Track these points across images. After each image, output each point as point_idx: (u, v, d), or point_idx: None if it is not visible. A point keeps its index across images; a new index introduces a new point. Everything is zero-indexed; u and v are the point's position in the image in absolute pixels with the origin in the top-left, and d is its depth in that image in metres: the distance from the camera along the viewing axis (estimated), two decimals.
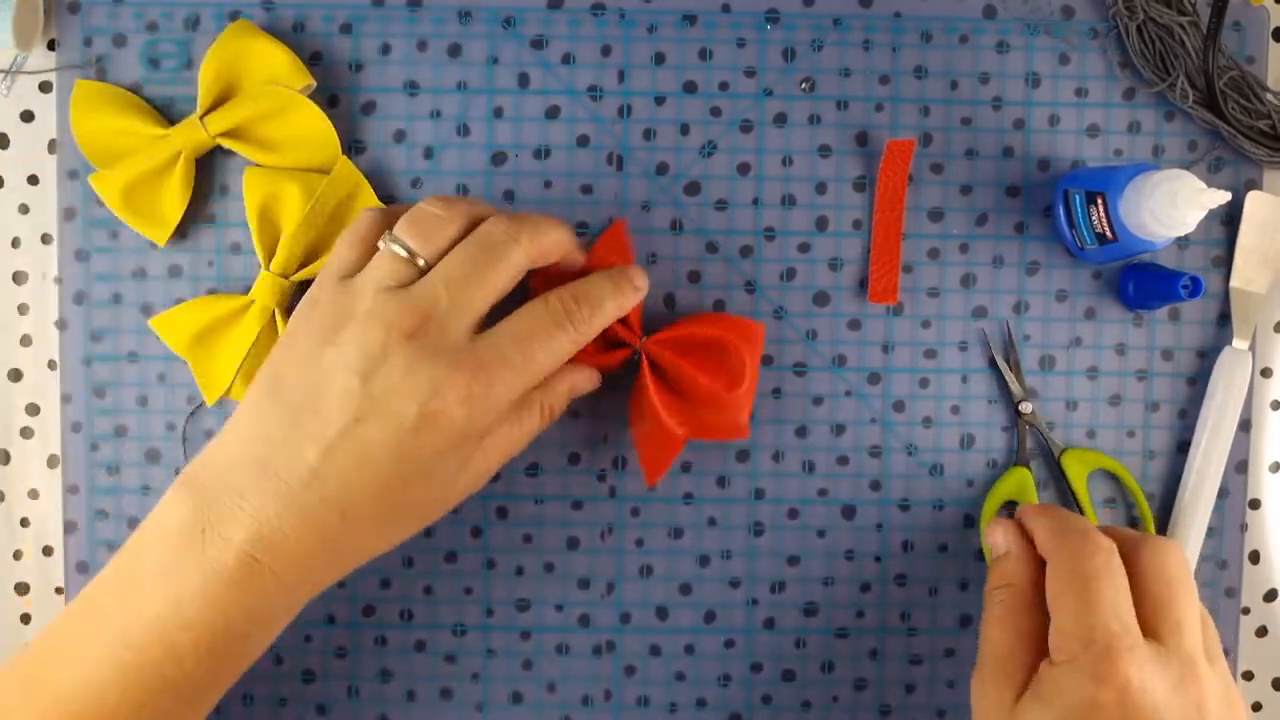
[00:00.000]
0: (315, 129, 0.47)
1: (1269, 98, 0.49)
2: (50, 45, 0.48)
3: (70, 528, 0.49)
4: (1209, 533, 0.50)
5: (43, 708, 0.38)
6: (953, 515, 0.50)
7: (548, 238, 0.41)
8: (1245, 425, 0.50)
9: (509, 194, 0.49)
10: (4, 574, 0.49)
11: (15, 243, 0.49)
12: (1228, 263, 0.50)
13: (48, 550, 0.49)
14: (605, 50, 0.49)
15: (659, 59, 0.49)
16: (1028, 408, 0.49)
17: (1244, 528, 0.50)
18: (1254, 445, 0.50)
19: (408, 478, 0.38)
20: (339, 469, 0.37)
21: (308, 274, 0.47)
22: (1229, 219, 0.50)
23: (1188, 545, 0.49)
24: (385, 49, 0.49)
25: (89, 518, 0.49)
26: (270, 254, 0.47)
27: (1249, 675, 0.51)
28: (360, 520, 0.38)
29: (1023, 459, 0.50)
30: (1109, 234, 0.45)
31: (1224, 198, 0.41)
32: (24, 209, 0.49)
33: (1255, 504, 0.50)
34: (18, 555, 0.49)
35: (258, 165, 0.47)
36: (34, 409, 0.49)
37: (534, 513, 0.49)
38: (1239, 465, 0.50)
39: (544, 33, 0.49)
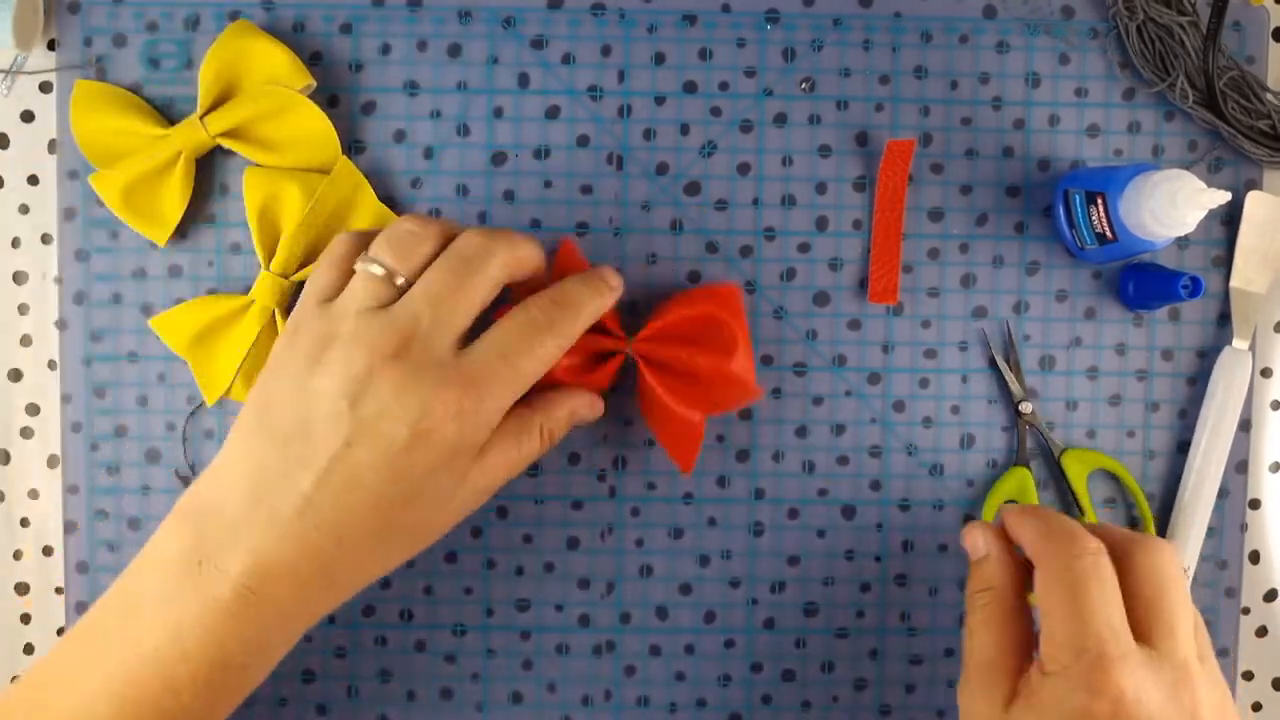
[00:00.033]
0: (315, 129, 0.47)
1: (1269, 98, 0.49)
2: (50, 45, 0.48)
3: (70, 528, 0.49)
4: (1209, 533, 0.50)
5: None
6: (953, 515, 0.50)
7: (521, 250, 0.41)
8: (1245, 425, 0.50)
9: (509, 194, 0.49)
10: (4, 574, 0.49)
11: (15, 243, 0.49)
12: (1228, 263, 0.50)
13: (48, 550, 0.49)
14: (605, 50, 0.49)
15: (659, 59, 0.49)
16: (1028, 408, 0.49)
17: (1244, 528, 0.50)
18: (1254, 445, 0.50)
19: (403, 498, 0.38)
20: (332, 495, 0.37)
21: (308, 274, 0.47)
22: (1229, 219, 0.50)
23: (1188, 545, 0.49)
24: (385, 49, 0.49)
25: (89, 518, 0.49)
26: (270, 254, 0.47)
27: (1249, 675, 0.51)
28: (357, 545, 0.38)
29: (1023, 459, 0.50)
30: (1109, 234, 0.45)
31: (1224, 198, 0.41)
32: (24, 209, 0.49)
33: (1255, 504, 0.50)
34: (18, 555, 0.49)
35: (258, 165, 0.47)
36: (34, 409, 0.49)
37: (534, 513, 0.49)
38: (1239, 465, 0.50)
39: (544, 33, 0.49)
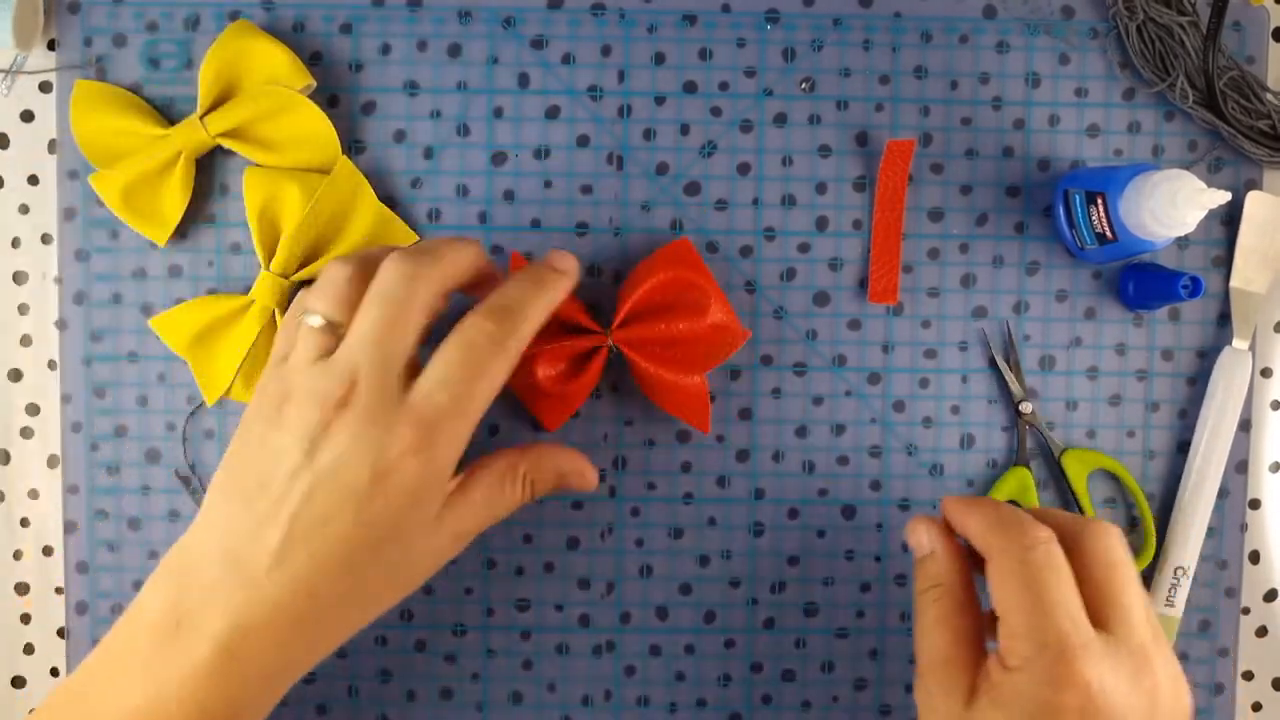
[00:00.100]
0: (315, 129, 0.47)
1: (1269, 98, 0.49)
2: (50, 45, 0.48)
3: (70, 528, 0.49)
4: (1209, 533, 0.50)
5: None
6: None
7: (450, 259, 0.40)
8: (1245, 425, 0.50)
9: (509, 194, 0.49)
10: (4, 574, 0.49)
11: (15, 243, 0.49)
12: (1228, 263, 0.50)
13: (48, 550, 0.49)
14: (605, 50, 0.49)
15: (659, 59, 0.49)
16: (1028, 408, 0.49)
17: (1244, 528, 0.50)
18: (1254, 445, 0.50)
19: (372, 545, 0.38)
20: (302, 549, 0.37)
21: (308, 274, 0.47)
22: (1229, 219, 0.50)
23: (1188, 545, 0.49)
24: (385, 49, 0.49)
25: (89, 518, 0.49)
26: (270, 254, 0.47)
27: (1249, 675, 0.51)
28: (331, 598, 0.38)
29: (1023, 459, 0.50)
30: (1109, 234, 0.45)
31: (1224, 198, 0.41)
32: (24, 209, 0.49)
33: (1255, 504, 0.50)
34: (18, 555, 0.49)
35: (258, 165, 0.47)
36: (34, 409, 0.49)
37: (534, 513, 0.49)
38: (1239, 465, 0.50)
39: (544, 33, 0.49)
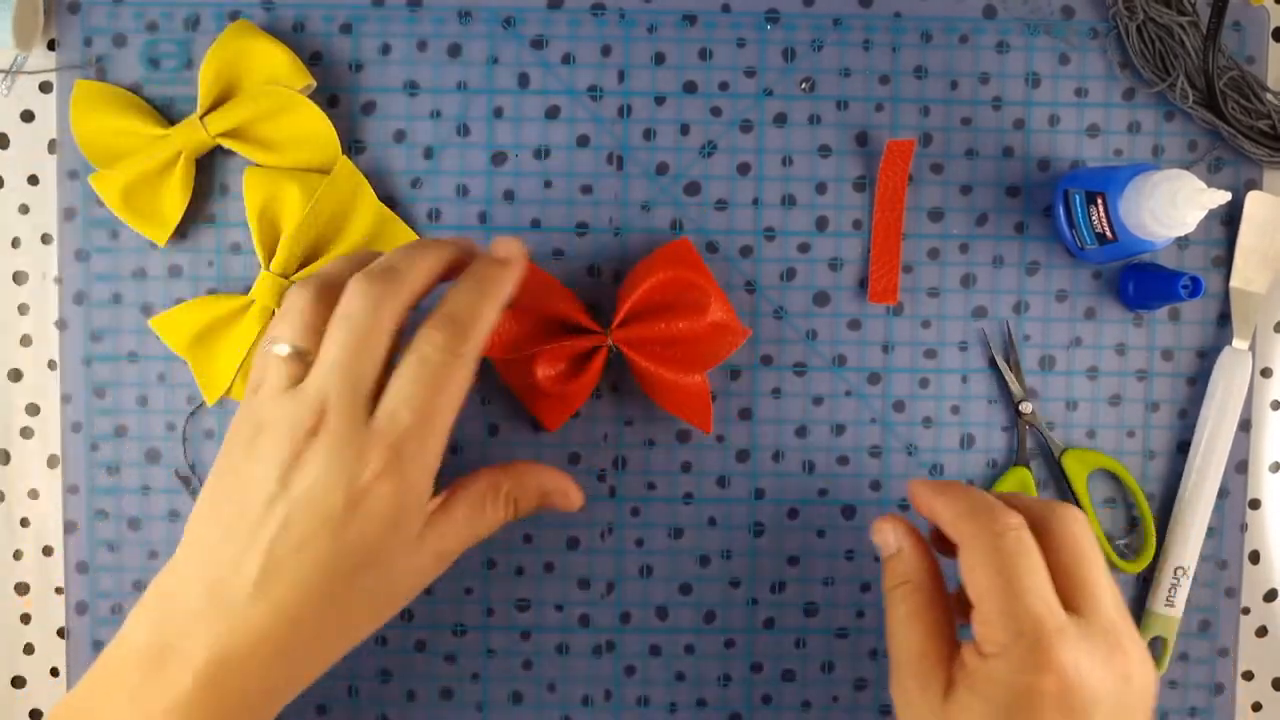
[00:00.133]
0: (315, 129, 0.47)
1: (1269, 98, 0.49)
2: (50, 45, 0.48)
3: (70, 528, 0.49)
4: (1209, 533, 0.50)
5: None
6: None
7: (413, 274, 0.40)
8: (1245, 425, 0.50)
9: (509, 194, 0.49)
10: (4, 574, 0.49)
11: (15, 243, 0.49)
12: (1228, 263, 0.50)
13: (48, 550, 0.49)
14: (605, 50, 0.49)
15: (659, 59, 0.49)
16: (1028, 408, 0.49)
17: (1244, 528, 0.50)
18: (1254, 445, 0.50)
19: (351, 570, 0.38)
20: (283, 579, 0.37)
21: (308, 274, 0.47)
22: (1229, 219, 0.50)
23: (1188, 545, 0.49)
24: (385, 49, 0.49)
25: (89, 518, 0.49)
26: (270, 254, 0.47)
27: (1249, 675, 0.51)
28: (312, 626, 0.38)
29: (1023, 459, 0.50)
30: (1109, 234, 0.45)
31: (1224, 198, 0.41)
32: (24, 209, 0.49)
33: (1255, 504, 0.50)
34: (18, 555, 0.49)
35: (258, 165, 0.47)
36: (34, 409, 0.49)
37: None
38: (1239, 465, 0.50)
39: (544, 33, 0.49)
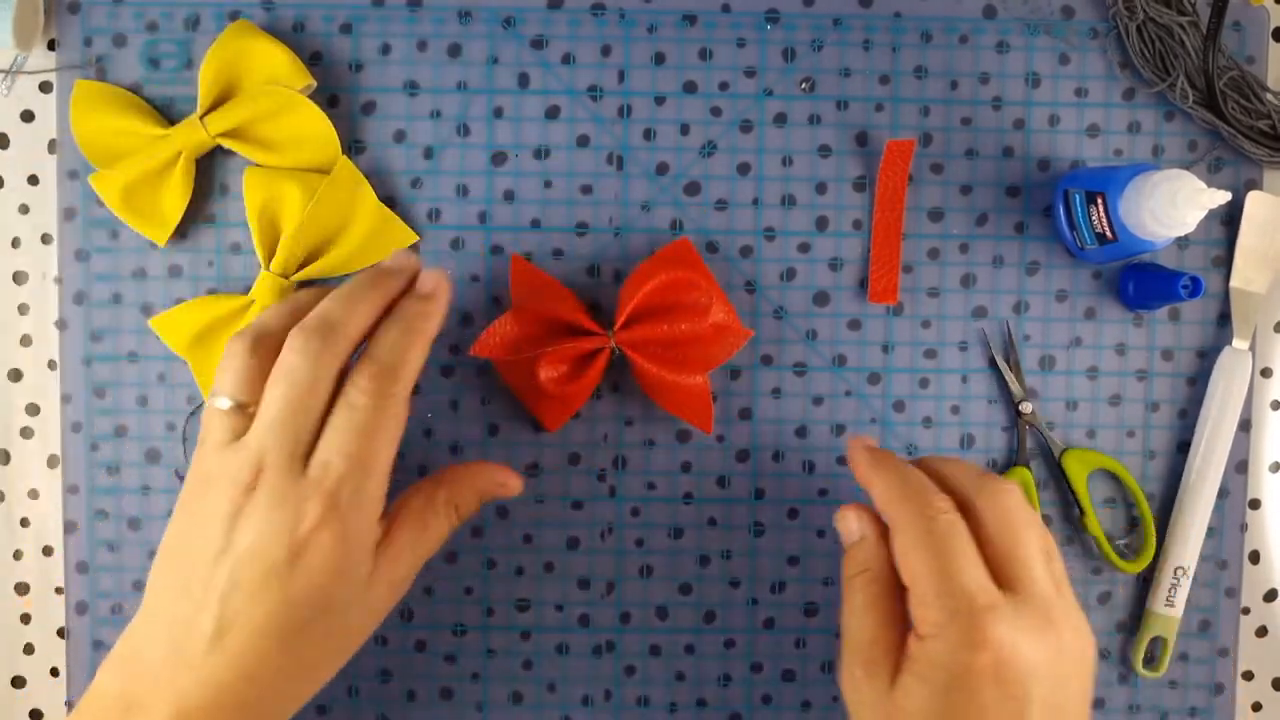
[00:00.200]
0: (315, 129, 0.47)
1: (1269, 98, 0.49)
2: (50, 45, 0.48)
3: (70, 528, 0.49)
4: (1209, 533, 0.50)
5: None
6: None
7: (354, 321, 0.39)
8: (1245, 425, 0.50)
9: (509, 194, 0.49)
10: (4, 574, 0.49)
11: (15, 243, 0.49)
12: (1228, 263, 0.50)
13: (48, 550, 0.49)
14: (605, 50, 0.49)
15: (659, 59, 0.49)
16: (1028, 408, 0.49)
17: (1244, 528, 0.50)
18: (1254, 445, 0.50)
19: (305, 620, 0.38)
20: (236, 633, 0.37)
21: (307, 274, 0.47)
22: (1229, 219, 0.50)
23: (1188, 545, 0.49)
24: (385, 49, 0.49)
25: (89, 518, 0.49)
26: (270, 254, 0.47)
27: (1249, 675, 0.51)
28: (271, 676, 0.38)
29: (1023, 459, 0.50)
30: (1109, 234, 0.45)
31: (1224, 198, 0.41)
32: (24, 209, 0.49)
33: (1255, 504, 0.50)
34: (18, 555, 0.49)
35: (258, 165, 0.47)
36: (34, 409, 0.49)
37: (534, 513, 0.49)
38: (1239, 465, 0.50)
39: (544, 33, 0.49)
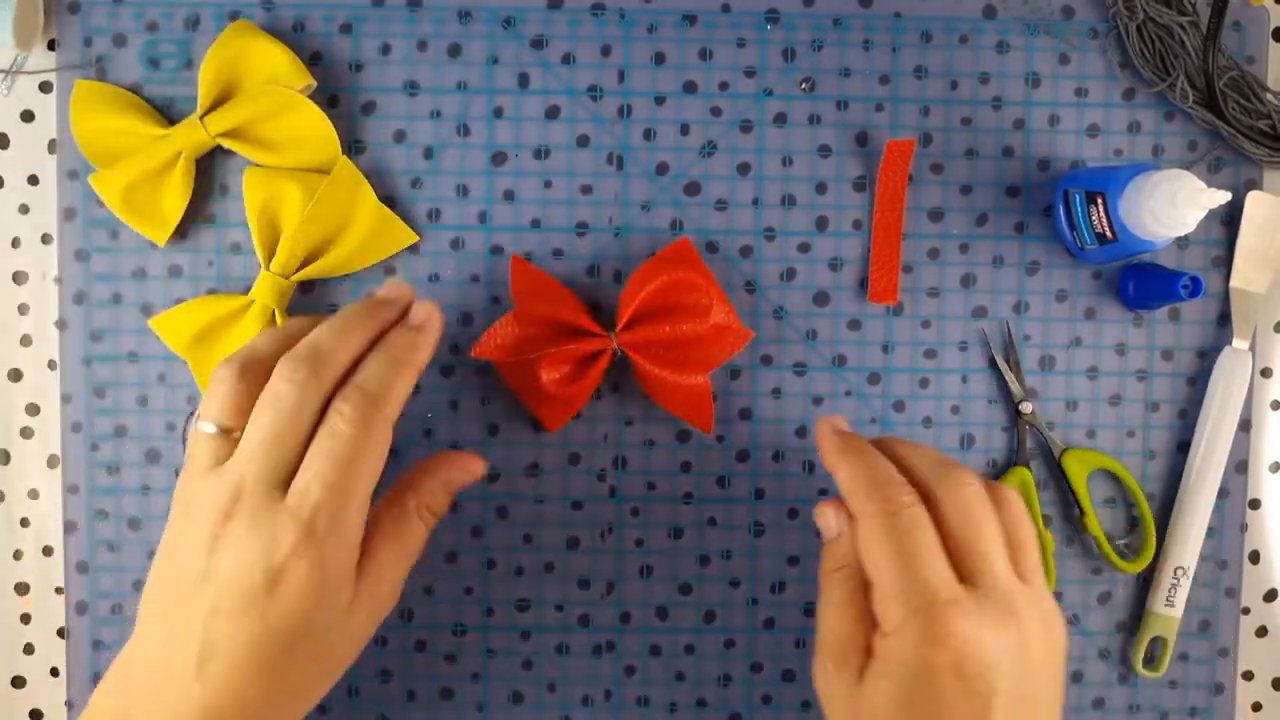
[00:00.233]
0: (315, 129, 0.47)
1: (1269, 98, 0.49)
2: (50, 45, 0.48)
3: (70, 528, 0.49)
4: (1209, 533, 0.50)
5: None
6: None
7: (343, 351, 0.39)
8: (1245, 425, 0.50)
9: (509, 194, 0.49)
10: (4, 574, 0.49)
11: (15, 243, 0.49)
12: (1228, 263, 0.50)
13: (48, 550, 0.49)
14: (605, 50, 0.49)
15: (659, 59, 0.49)
16: (1028, 408, 0.49)
17: (1244, 528, 0.50)
18: (1254, 445, 0.50)
19: (287, 646, 0.38)
20: (220, 657, 0.37)
21: (308, 274, 0.47)
22: (1229, 219, 0.50)
23: (1188, 545, 0.49)
24: (385, 49, 0.49)
25: (89, 518, 0.49)
26: (270, 254, 0.47)
27: (1249, 675, 0.51)
28: (258, 699, 0.38)
29: (1023, 459, 0.50)
30: (1109, 234, 0.45)
31: (1224, 198, 0.41)
32: (24, 209, 0.49)
33: (1255, 504, 0.50)
34: (18, 555, 0.49)
35: (258, 165, 0.47)
36: (34, 409, 0.49)
37: (534, 513, 0.49)
38: (1239, 465, 0.50)
39: (544, 33, 0.49)
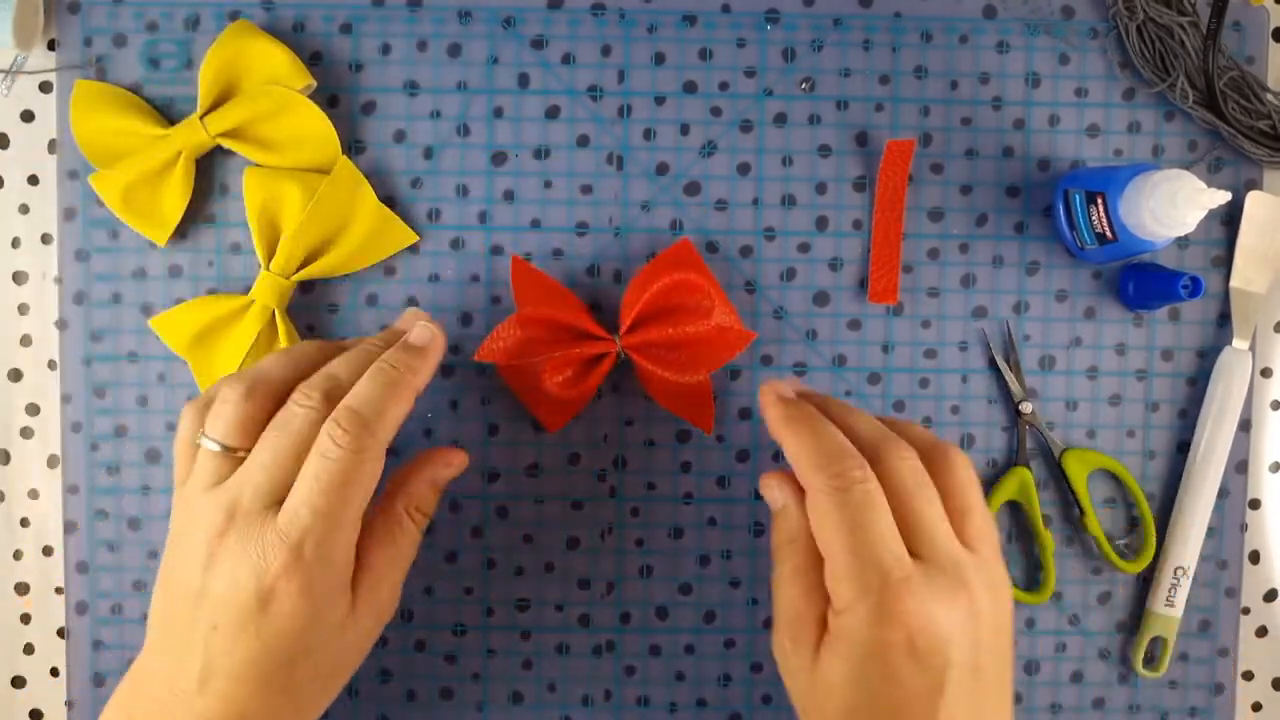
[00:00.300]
0: (315, 129, 0.47)
1: (1269, 98, 0.49)
2: (50, 45, 0.48)
3: (70, 528, 0.49)
4: (1209, 533, 0.50)
5: None
6: None
7: (355, 381, 0.39)
8: (1245, 425, 0.50)
9: (509, 194, 0.49)
10: (4, 574, 0.49)
11: (15, 243, 0.49)
12: (1228, 263, 0.50)
13: (48, 550, 0.49)
14: (605, 50, 0.49)
15: (659, 59, 0.49)
16: (1028, 408, 0.49)
17: (1244, 528, 0.50)
18: (1254, 445, 0.50)
19: (287, 661, 0.38)
20: (221, 674, 0.37)
21: (307, 274, 0.47)
22: (1229, 219, 0.50)
23: (1188, 545, 0.49)
24: (385, 49, 0.49)
25: (89, 518, 0.49)
26: (270, 254, 0.47)
27: (1249, 675, 0.51)
28: (261, 714, 0.38)
29: (1023, 459, 0.50)
30: (1109, 234, 0.45)
31: (1224, 198, 0.41)
32: (24, 209, 0.49)
33: (1255, 504, 0.50)
34: (18, 555, 0.49)
35: (258, 165, 0.47)
36: (34, 409, 0.49)
37: (534, 513, 0.49)
38: (1239, 465, 0.50)
39: (544, 33, 0.49)
